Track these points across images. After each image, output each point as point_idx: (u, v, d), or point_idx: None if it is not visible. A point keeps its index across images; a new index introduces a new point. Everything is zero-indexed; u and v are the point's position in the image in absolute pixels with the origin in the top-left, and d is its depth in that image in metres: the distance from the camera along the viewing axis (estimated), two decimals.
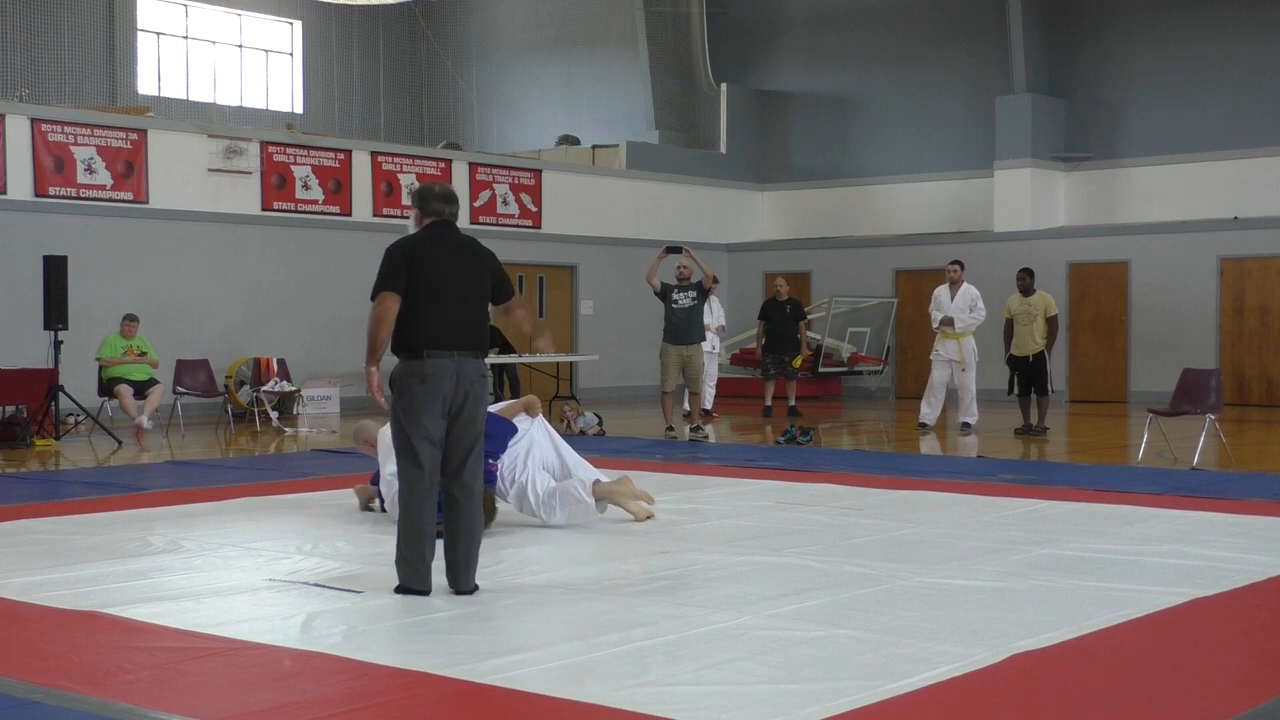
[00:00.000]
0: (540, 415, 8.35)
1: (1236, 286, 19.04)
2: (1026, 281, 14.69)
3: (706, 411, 16.41)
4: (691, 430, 14.30)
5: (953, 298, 15.10)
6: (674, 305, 14.18)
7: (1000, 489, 9.73)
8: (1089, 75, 21.00)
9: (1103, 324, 20.04)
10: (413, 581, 6.01)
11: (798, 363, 17.78)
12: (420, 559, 6.00)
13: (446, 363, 5.97)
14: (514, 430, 8.03)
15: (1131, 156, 20.60)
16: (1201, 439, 11.95)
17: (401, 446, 6.02)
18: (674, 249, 14.53)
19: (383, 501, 8.16)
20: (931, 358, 15.37)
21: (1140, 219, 20.26)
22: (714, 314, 16.71)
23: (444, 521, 6.11)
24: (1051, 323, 14.60)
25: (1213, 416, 12.20)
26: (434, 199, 6.25)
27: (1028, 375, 14.52)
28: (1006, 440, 14.03)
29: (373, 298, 6.07)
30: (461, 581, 6.06)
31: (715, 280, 14.63)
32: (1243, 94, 19.63)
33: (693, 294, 14.17)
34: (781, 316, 17.50)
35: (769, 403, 17.44)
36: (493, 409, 7.93)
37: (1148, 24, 20.52)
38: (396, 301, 6.00)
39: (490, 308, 6.39)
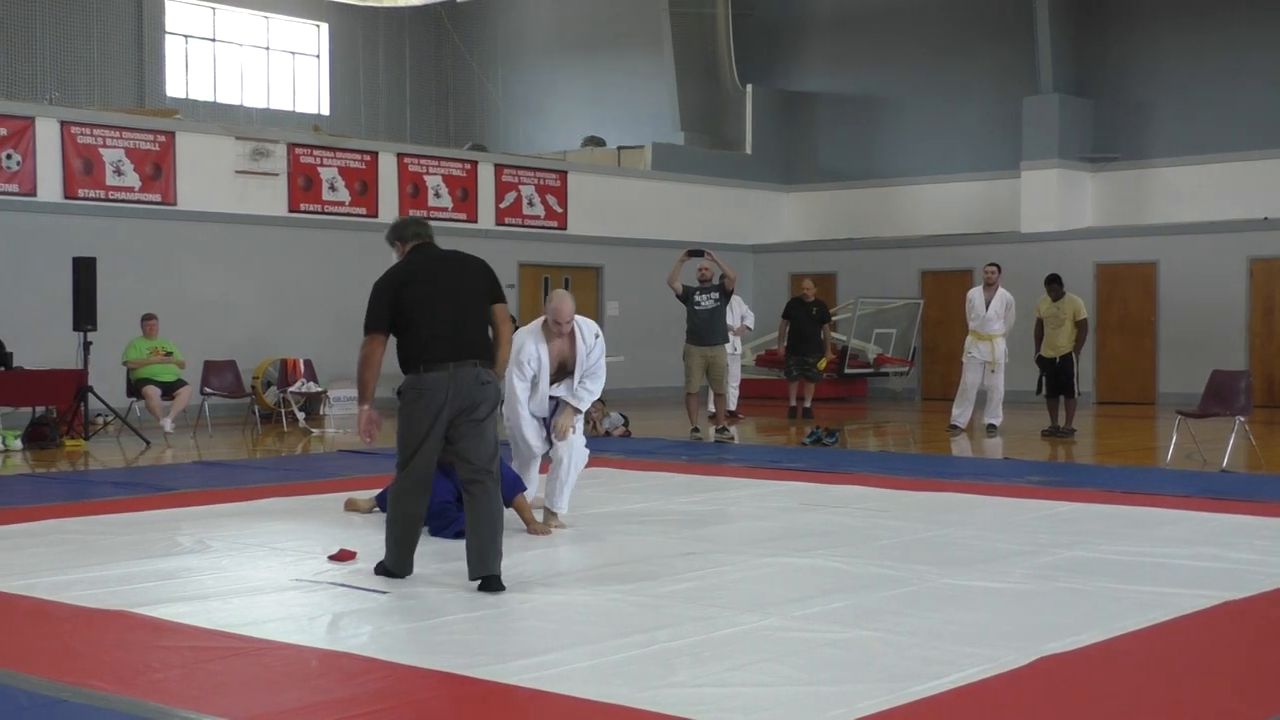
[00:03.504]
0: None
1: (1266, 287, 18.91)
2: (1055, 289, 14.58)
3: (731, 413, 16.39)
4: (717, 431, 14.28)
5: (988, 301, 15.04)
6: (696, 307, 14.17)
7: (1028, 491, 9.69)
8: (1116, 75, 20.89)
9: (1130, 325, 19.93)
10: (391, 564, 6.40)
11: (822, 365, 17.70)
12: (395, 543, 6.37)
13: (441, 376, 6.17)
14: (521, 488, 8.03)
15: (1160, 157, 20.48)
16: (1231, 441, 11.87)
17: (400, 449, 6.33)
18: (695, 252, 14.53)
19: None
20: (964, 360, 15.30)
21: (1169, 220, 20.14)
22: (734, 314, 16.65)
23: (465, 510, 6.30)
24: (1081, 326, 14.51)
25: (1242, 418, 12.12)
26: (409, 225, 6.66)
27: (1055, 377, 14.45)
28: (1034, 442, 13.97)
29: (365, 333, 6.33)
30: (483, 567, 6.15)
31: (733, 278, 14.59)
32: (1273, 93, 19.49)
33: (715, 295, 14.17)
34: (807, 318, 17.41)
35: (794, 403, 17.39)
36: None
37: (1176, 23, 20.40)
38: (381, 344, 6.32)
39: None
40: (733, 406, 16.51)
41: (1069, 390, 14.42)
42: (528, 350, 7.78)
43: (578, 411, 8.02)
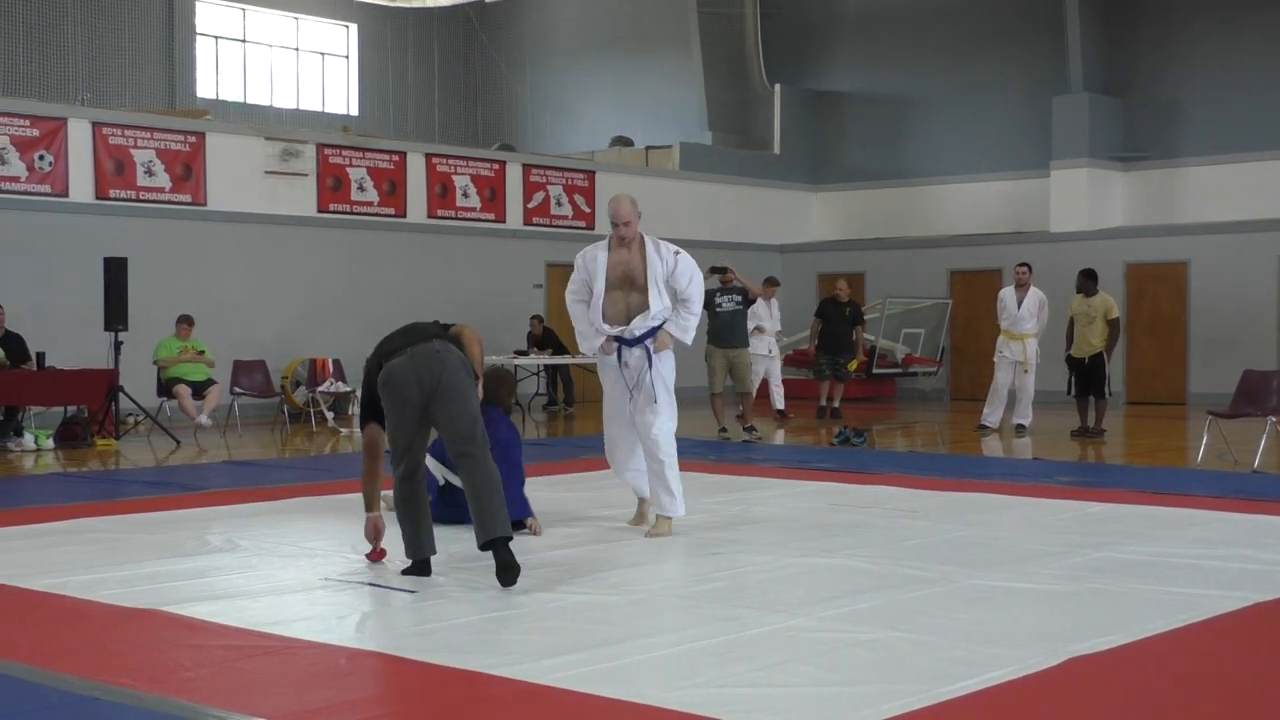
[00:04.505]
0: None
1: None
2: (1084, 283, 14.51)
3: (781, 412, 16.59)
4: (745, 431, 14.28)
5: (1020, 301, 14.99)
6: (718, 309, 14.22)
7: (1057, 491, 9.64)
8: (1147, 74, 20.77)
9: (1161, 325, 19.82)
10: (409, 553, 6.49)
11: (853, 366, 17.71)
12: (405, 531, 6.50)
13: (399, 360, 6.44)
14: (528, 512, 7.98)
15: (1190, 155, 20.36)
16: (1262, 441, 11.78)
17: (390, 441, 6.56)
18: (718, 269, 14.53)
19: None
20: (995, 359, 15.26)
21: (1199, 219, 20.02)
22: (773, 318, 16.76)
23: (462, 481, 6.42)
24: (1113, 325, 14.44)
25: (1274, 419, 12.03)
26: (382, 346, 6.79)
27: (1085, 377, 14.38)
28: (1063, 442, 13.92)
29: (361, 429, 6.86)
30: (485, 531, 6.20)
31: (775, 282, 14.60)
32: None
33: (736, 298, 14.23)
34: (840, 318, 17.39)
35: (824, 403, 17.35)
36: None
37: (1206, 21, 20.28)
38: (374, 438, 6.67)
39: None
40: (780, 406, 16.62)
41: (1099, 390, 14.35)
42: (585, 254, 7.73)
43: (677, 340, 7.70)
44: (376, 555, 6.89)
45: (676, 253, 7.66)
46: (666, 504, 7.71)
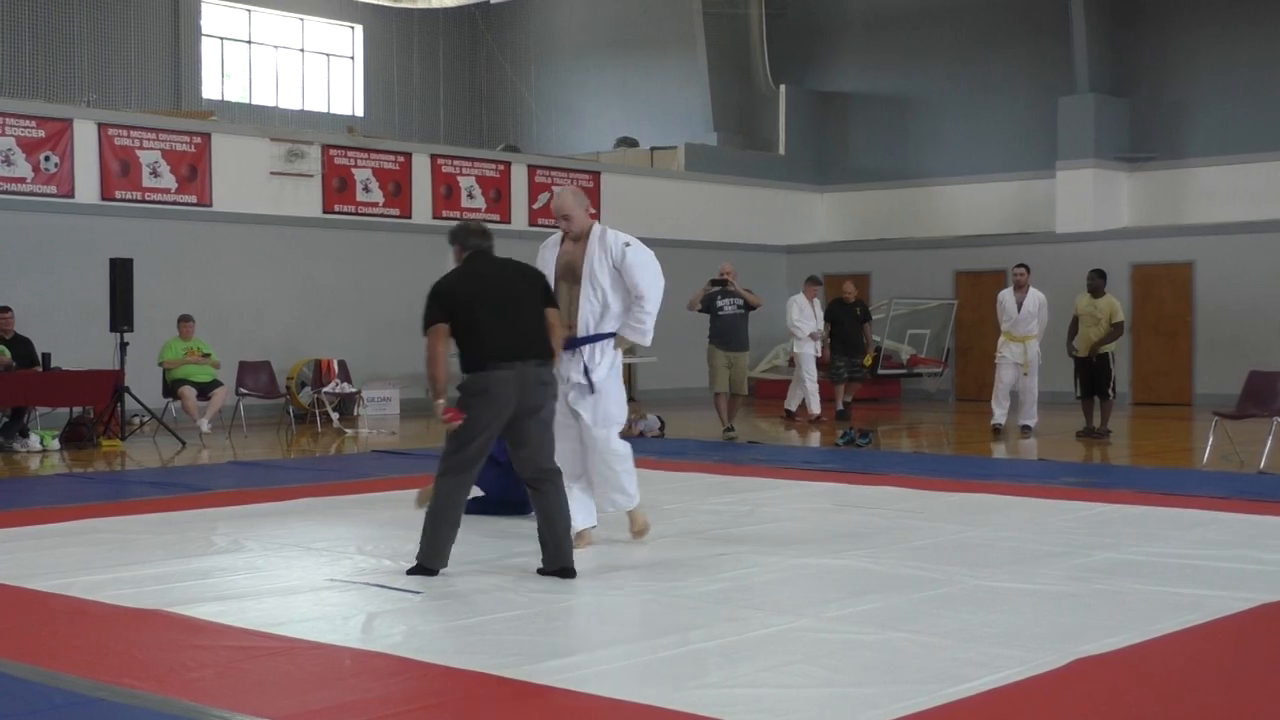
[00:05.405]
0: None
1: None
2: (1094, 282, 14.48)
3: (790, 413, 16.68)
4: (726, 429, 14.29)
5: (1019, 303, 14.97)
6: (719, 312, 14.23)
7: (1062, 492, 9.64)
8: (1153, 74, 20.74)
9: (1166, 326, 19.79)
10: (425, 559, 6.39)
11: (868, 362, 17.78)
12: (433, 538, 6.37)
13: (508, 374, 6.30)
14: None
15: (1196, 156, 20.32)
16: (1268, 442, 11.76)
17: (458, 444, 6.35)
18: (718, 281, 14.53)
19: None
20: (997, 360, 15.26)
21: (1205, 220, 19.99)
22: (817, 318, 16.79)
23: (534, 507, 6.50)
24: (1116, 327, 14.42)
25: (1279, 420, 12.02)
26: (470, 234, 6.65)
27: (1090, 377, 14.36)
28: (1068, 443, 13.90)
29: (424, 335, 6.42)
30: (560, 559, 6.36)
31: (818, 281, 14.64)
32: None
33: (738, 301, 14.27)
34: (851, 319, 17.40)
35: (843, 405, 17.25)
36: None
37: (1213, 22, 20.25)
38: (444, 335, 6.36)
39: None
40: (816, 409, 16.55)
41: (1104, 391, 14.33)
42: (545, 245, 7.48)
43: (631, 342, 7.33)
44: (452, 416, 6.38)
45: (627, 244, 7.21)
46: (623, 502, 7.39)
